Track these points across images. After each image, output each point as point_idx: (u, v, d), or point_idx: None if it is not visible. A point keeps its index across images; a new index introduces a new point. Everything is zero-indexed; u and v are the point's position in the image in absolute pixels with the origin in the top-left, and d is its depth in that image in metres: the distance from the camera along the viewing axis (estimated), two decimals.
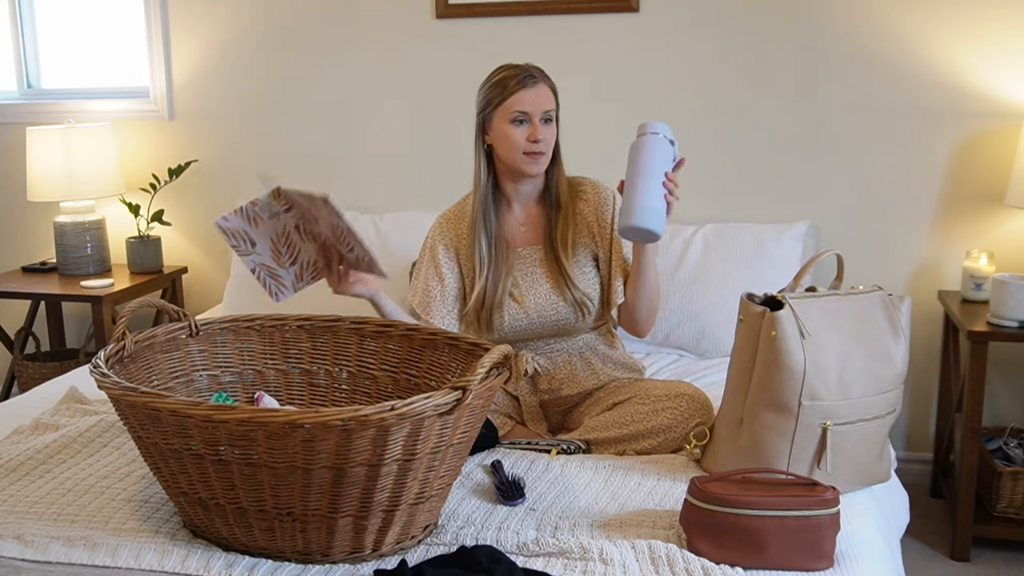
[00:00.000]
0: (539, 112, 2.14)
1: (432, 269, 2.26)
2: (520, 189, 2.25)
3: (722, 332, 2.70)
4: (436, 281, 2.24)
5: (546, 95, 2.16)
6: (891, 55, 2.93)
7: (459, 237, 2.27)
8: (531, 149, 2.14)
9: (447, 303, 2.24)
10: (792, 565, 1.55)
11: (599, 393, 2.24)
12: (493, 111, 2.17)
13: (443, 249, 2.27)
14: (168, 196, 3.51)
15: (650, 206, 1.98)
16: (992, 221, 2.96)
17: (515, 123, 2.14)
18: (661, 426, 2.04)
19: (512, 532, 1.66)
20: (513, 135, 2.14)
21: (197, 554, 1.58)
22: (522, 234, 2.27)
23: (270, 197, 1.87)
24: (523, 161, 2.16)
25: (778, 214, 3.04)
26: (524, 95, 2.13)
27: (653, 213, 1.98)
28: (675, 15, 3.05)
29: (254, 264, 1.98)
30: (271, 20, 3.36)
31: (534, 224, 2.27)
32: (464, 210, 2.29)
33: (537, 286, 2.22)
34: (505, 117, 2.15)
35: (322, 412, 1.43)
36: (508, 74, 2.16)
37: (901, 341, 1.87)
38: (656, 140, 2.04)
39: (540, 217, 2.27)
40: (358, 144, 3.37)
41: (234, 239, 1.93)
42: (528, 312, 2.21)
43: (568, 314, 2.22)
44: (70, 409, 2.24)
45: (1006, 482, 2.69)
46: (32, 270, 3.52)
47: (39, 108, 3.63)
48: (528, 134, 2.14)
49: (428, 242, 2.31)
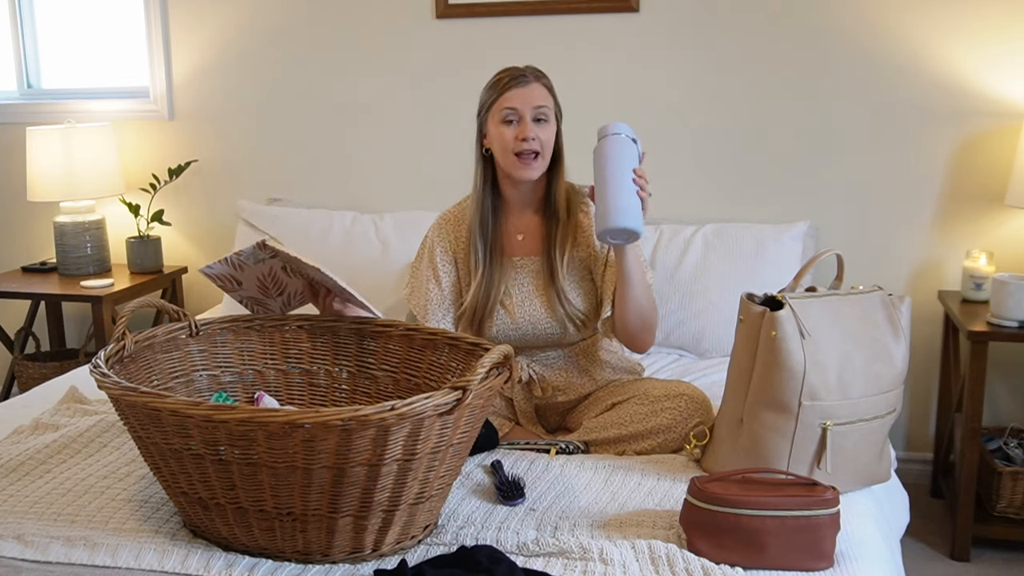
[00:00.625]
0: (529, 109, 2.09)
1: (430, 271, 2.24)
2: (519, 196, 2.20)
3: (722, 332, 2.70)
4: (433, 284, 2.23)
5: (538, 93, 2.11)
6: (891, 55, 2.93)
7: (458, 239, 2.24)
8: (520, 148, 2.09)
9: (444, 306, 2.22)
10: (792, 565, 1.55)
11: (598, 393, 2.22)
12: (487, 113, 2.14)
13: (440, 251, 2.24)
14: (168, 196, 3.51)
15: (625, 205, 1.95)
16: (992, 221, 2.96)
17: (506, 122, 2.10)
18: (660, 426, 2.03)
19: (512, 532, 1.66)
20: (504, 134, 2.10)
21: (197, 554, 1.58)
22: (519, 243, 2.22)
23: (255, 248, 1.90)
24: (514, 164, 2.11)
25: (778, 214, 3.04)
26: (513, 93, 2.09)
27: (630, 211, 1.95)
28: (675, 15, 3.05)
29: (241, 298, 2.03)
30: (271, 20, 3.36)
31: (532, 234, 2.22)
32: (464, 212, 2.26)
33: (529, 298, 2.18)
34: (497, 117, 2.11)
35: (322, 412, 1.43)
36: (502, 75, 2.14)
37: (901, 341, 1.87)
38: (619, 140, 2.01)
39: (539, 227, 2.21)
40: (358, 144, 3.37)
41: (220, 281, 1.97)
42: (518, 324, 2.18)
43: (557, 328, 2.18)
44: (70, 409, 2.23)
45: (1006, 482, 2.69)
46: (32, 270, 3.52)
47: (39, 108, 3.63)
48: (518, 132, 2.09)
49: (427, 243, 2.29)
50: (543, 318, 2.17)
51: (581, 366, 2.24)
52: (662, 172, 3.13)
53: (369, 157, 3.37)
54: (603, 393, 2.21)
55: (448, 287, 2.23)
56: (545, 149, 2.12)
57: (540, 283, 2.19)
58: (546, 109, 2.11)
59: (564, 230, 2.18)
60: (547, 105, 2.12)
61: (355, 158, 3.38)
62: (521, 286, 2.20)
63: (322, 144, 3.40)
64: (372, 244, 3.10)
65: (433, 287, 2.22)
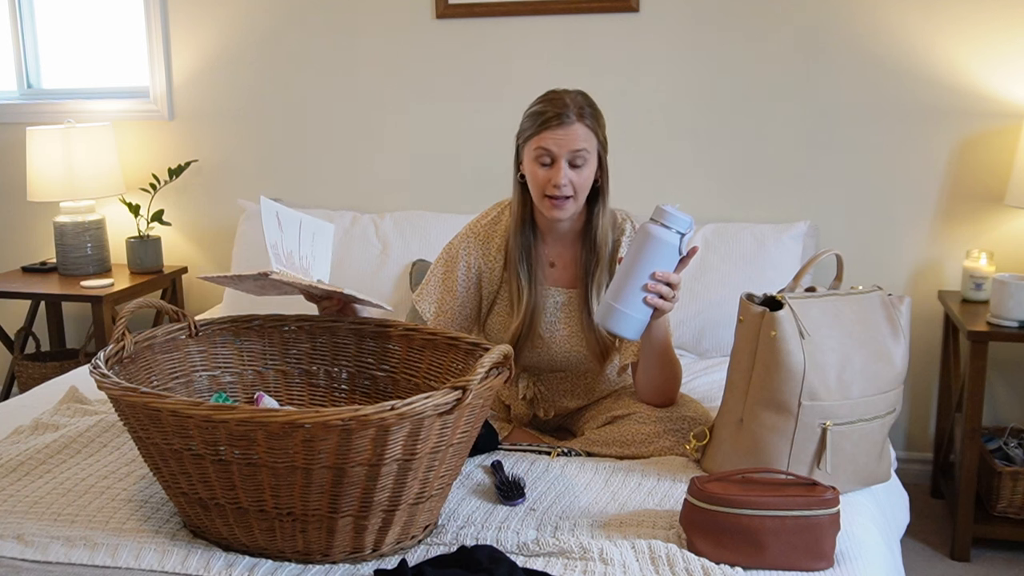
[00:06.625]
0: (565, 153, 1.96)
1: (450, 281, 2.17)
2: (555, 225, 2.09)
3: (722, 332, 2.70)
4: (450, 295, 2.16)
5: (579, 135, 1.96)
6: (891, 55, 2.94)
7: (487, 257, 2.15)
8: (551, 193, 1.98)
9: (456, 321, 2.16)
10: (792, 565, 1.55)
11: (601, 400, 2.19)
12: (524, 143, 2.03)
13: (464, 266, 2.16)
14: (168, 196, 3.51)
15: (625, 313, 1.85)
16: (992, 221, 2.96)
17: (539, 162, 1.99)
18: (663, 448, 1.99)
19: (512, 532, 1.65)
20: (536, 175, 1.99)
21: (197, 554, 1.58)
22: (551, 273, 2.13)
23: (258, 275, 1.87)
24: (544, 204, 2.01)
25: (778, 214, 3.04)
26: (551, 134, 1.96)
27: (626, 320, 1.85)
28: (675, 15, 3.05)
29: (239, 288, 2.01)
30: (271, 20, 3.36)
31: (567, 265, 2.13)
32: (495, 229, 2.16)
33: (558, 331, 2.12)
34: (531, 154, 2.00)
35: (322, 412, 1.43)
36: (544, 108, 1.99)
37: (901, 341, 1.87)
38: (661, 234, 1.83)
39: (575, 259, 2.11)
40: (358, 144, 3.37)
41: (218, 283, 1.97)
42: (541, 354, 2.13)
43: (583, 361, 2.14)
44: (70, 409, 2.23)
45: (1006, 482, 2.69)
46: (32, 270, 3.52)
47: (39, 108, 3.63)
48: (550, 176, 1.97)
49: (452, 251, 2.19)
50: (566, 349, 2.13)
51: (587, 386, 2.21)
52: (662, 172, 3.14)
53: (369, 157, 3.37)
54: (606, 401, 2.18)
55: (465, 301, 2.16)
56: (579, 192, 2.00)
57: (567, 315, 2.12)
58: (585, 152, 1.97)
59: (602, 267, 2.08)
60: (586, 148, 1.98)
61: (355, 158, 3.38)
62: (552, 317, 2.13)
63: (322, 144, 3.40)
64: (372, 244, 3.10)
65: (449, 298, 2.17)
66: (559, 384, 2.21)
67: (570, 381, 2.21)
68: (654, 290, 1.85)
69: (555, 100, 1.99)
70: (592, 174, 2.02)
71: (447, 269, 2.18)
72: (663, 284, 1.85)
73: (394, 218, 3.17)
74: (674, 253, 1.85)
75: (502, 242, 2.15)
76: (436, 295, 2.19)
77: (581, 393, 2.21)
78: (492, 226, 2.17)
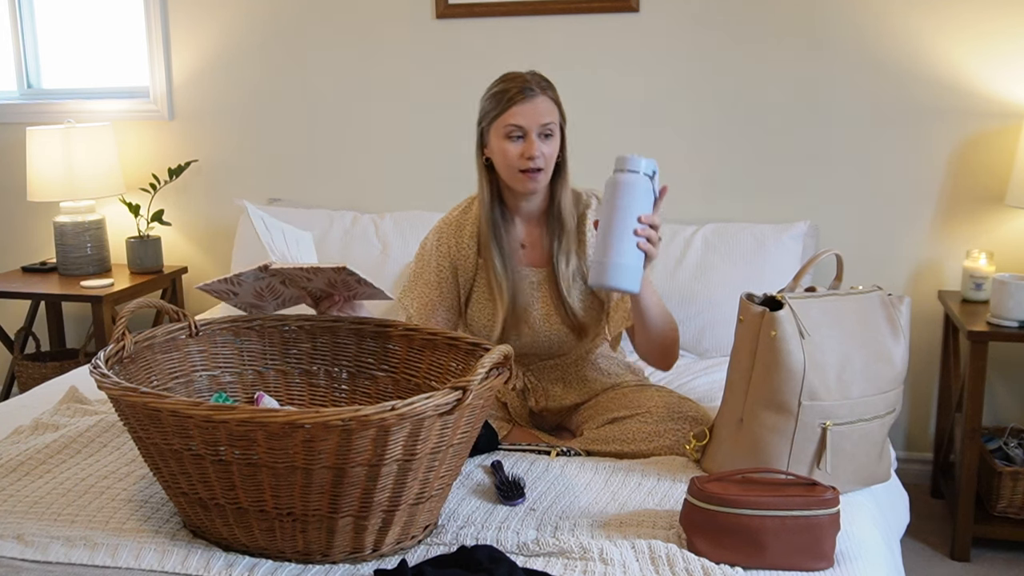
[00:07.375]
0: (535, 126, 2.01)
1: (427, 275, 2.20)
2: (522, 205, 2.13)
3: (722, 332, 2.70)
4: (429, 289, 2.19)
5: (545, 107, 2.03)
6: (891, 55, 2.94)
7: (459, 247, 2.18)
8: (526, 166, 2.02)
9: (439, 313, 2.18)
10: (792, 565, 1.55)
11: (599, 399, 2.19)
12: (489, 125, 2.06)
13: (438, 259, 2.19)
14: (168, 196, 3.51)
15: (621, 262, 1.84)
16: (992, 221, 2.96)
17: (510, 138, 2.02)
18: (663, 447, 1.99)
19: (512, 532, 1.66)
20: (508, 151, 2.02)
21: (197, 554, 1.58)
22: (523, 254, 2.17)
23: (257, 270, 1.91)
24: (518, 179, 2.04)
25: (778, 214, 3.04)
26: (519, 109, 2.01)
27: (624, 270, 1.84)
28: (675, 15, 3.05)
29: (237, 303, 2.04)
30: (271, 20, 3.36)
31: (535, 244, 2.16)
32: (463, 219, 2.19)
33: (533, 310, 2.14)
34: (500, 132, 2.03)
35: (322, 412, 1.43)
36: (506, 86, 2.04)
37: (901, 341, 1.87)
38: (630, 181, 1.86)
39: (542, 237, 2.15)
40: (358, 144, 3.37)
41: (216, 294, 1.99)
42: (526, 339, 2.15)
43: (564, 339, 2.16)
44: (70, 409, 2.23)
45: (1006, 482, 2.69)
46: (32, 270, 3.52)
47: (39, 108, 3.63)
48: (523, 150, 2.01)
49: (426, 247, 2.22)
50: (548, 328, 2.14)
51: (579, 375, 2.22)
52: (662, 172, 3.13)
53: (369, 157, 3.37)
54: (605, 400, 2.18)
55: (443, 292, 2.18)
56: (549, 164, 2.05)
57: (544, 294, 2.14)
58: (552, 125, 2.04)
59: (569, 241, 2.12)
60: (553, 120, 2.04)
61: (355, 158, 3.38)
62: (525, 297, 2.15)
63: (322, 144, 3.40)
64: (372, 244, 3.10)
65: (434, 292, 2.18)
66: (549, 372, 2.22)
67: (560, 369, 2.21)
68: (643, 234, 1.86)
69: (515, 78, 2.05)
70: (558, 146, 2.07)
71: (423, 264, 2.21)
72: (649, 227, 1.87)
73: (394, 218, 3.17)
74: (649, 194, 1.88)
75: (473, 230, 2.17)
76: (416, 291, 2.21)
77: (573, 382, 2.22)
78: (462, 216, 2.21)
